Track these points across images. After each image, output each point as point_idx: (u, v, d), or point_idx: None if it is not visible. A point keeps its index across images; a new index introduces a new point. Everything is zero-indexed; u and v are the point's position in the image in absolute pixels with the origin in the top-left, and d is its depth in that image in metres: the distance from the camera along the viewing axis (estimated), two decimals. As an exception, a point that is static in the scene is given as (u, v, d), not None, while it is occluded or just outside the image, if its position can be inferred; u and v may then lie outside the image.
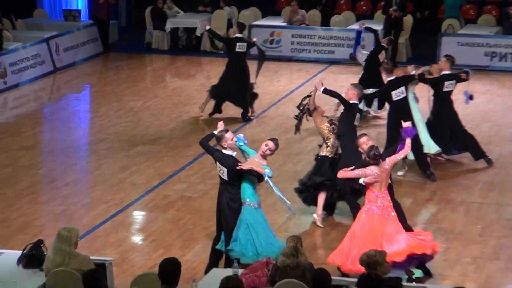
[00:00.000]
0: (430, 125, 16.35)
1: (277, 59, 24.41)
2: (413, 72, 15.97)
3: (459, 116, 16.53)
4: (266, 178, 11.78)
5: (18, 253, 10.98)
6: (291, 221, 14.17)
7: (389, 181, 12.01)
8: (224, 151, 11.91)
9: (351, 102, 14.19)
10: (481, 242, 13.52)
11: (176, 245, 13.38)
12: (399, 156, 12.03)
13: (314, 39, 24.66)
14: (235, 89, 19.26)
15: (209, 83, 22.29)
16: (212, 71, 23.49)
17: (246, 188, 11.91)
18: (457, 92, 16.63)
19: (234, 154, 11.94)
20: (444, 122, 16.34)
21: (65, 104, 21.32)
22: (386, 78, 15.91)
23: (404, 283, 9.92)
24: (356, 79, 22.06)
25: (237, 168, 11.72)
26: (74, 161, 17.25)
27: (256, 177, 11.88)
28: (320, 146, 14.24)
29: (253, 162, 11.99)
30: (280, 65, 24.10)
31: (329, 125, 14.09)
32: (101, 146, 17.93)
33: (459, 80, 16.27)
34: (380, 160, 11.77)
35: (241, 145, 12.30)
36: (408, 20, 24.80)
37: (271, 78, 22.88)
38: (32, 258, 10.78)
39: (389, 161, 11.85)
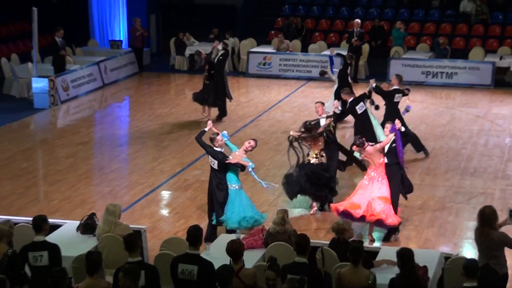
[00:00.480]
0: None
1: (268, 77, 24.40)
2: (373, 84, 15.96)
3: (404, 119, 16.48)
4: (250, 169, 11.93)
5: (76, 223, 10.97)
6: (279, 198, 14.14)
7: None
8: (215, 148, 11.87)
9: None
10: (420, 214, 13.51)
11: (194, 216, 13.36)
12: (379, 145, 12.16)
13: (296, 62, 24.60)
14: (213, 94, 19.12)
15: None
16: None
17: (231, 175, 11.99)
18: (403, 101, 16.59)
19: (222, 150, 12.00)
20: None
21: (111, 111, 21.27)
22: (347, 99, 15.82)
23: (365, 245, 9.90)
24: (328, 92, 22.11)
25: (226, 161, 11.73)
26: (117, 153, 17.23)
27: (240, 168, 11.88)
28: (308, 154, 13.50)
29: (236, 156, 12.01)
30: (271, 81, 24.06)
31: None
32: (137, 142, 17.90)
33: (404, 94, 16.29)
34: (363, 146, 12.10)
35: (225, 140, 12.25)
36: (366, 47, 24.74)
37: (264, 91, 22.84)
38: (87, 227, 10.78)
39: (372, 147, 12.09)
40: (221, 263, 8.77)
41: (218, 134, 12.10)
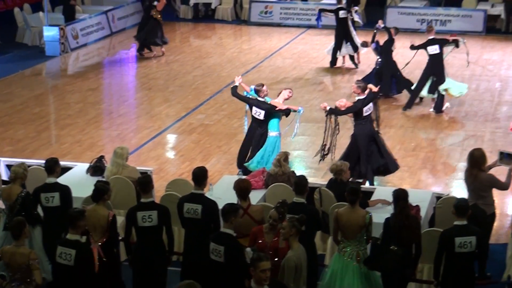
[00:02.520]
0: (377, 73, 16.23)
1: (270, 25, 24.07)
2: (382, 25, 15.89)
3: (398, 65, 16.36)
4: (300, 112, 11.72)
5: (86, 165, 10.93)
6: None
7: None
8: (259, 98, 11.64)
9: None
10: (413, 155, 13.44)
11: (198, 158, 13.30)
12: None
13: (296, 10, 24.25)
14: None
15: (220, 42, 22.09)
16: (223, 33, 23.15)
17: (273, 123, 11.74)
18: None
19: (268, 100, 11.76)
20: (387, 70, 16.19)
21: (119, 58, 21.03)
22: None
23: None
24: (328, 40, 21.81)
25: (276, 108, 11.50)
26: (125, 98, 17.11)
27: (286, 114, 11.68)
28: None
29: (278, 103, 11.77)
30: (272, 29, 23.74)
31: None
32: (144, 87, 17.76)
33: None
34: None
35: (252, 93, 11.91)
36: (363, -4, 24.35)
37: (265, 39, 22.56)
38: (96, 169, 10.75)
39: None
40: (224, 202, 8.75)
41: (263, 85, 11.84)
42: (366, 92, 11.39)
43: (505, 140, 14.07)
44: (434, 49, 15.39)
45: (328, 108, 11.45)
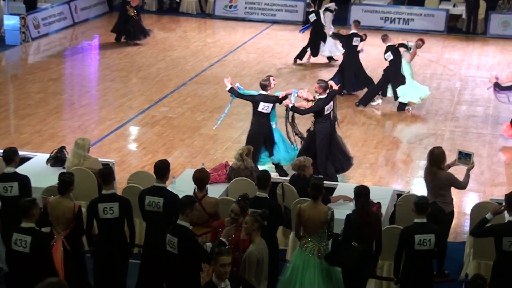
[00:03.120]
0: (340, 70, 16.35)
1: (234, 19, 24.01)
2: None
3: (361, 63, 16.49)
4: (295, 94, 11.60)
5: (46, 155, 10.79)
6: (243, 136, 14.00)
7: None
8: (263, 92, 11.59)
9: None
10: (375, 153, 13.53)
11: (161, 151, 13.22)
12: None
13: (261, 6, 24.19)
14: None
15: (185, 35, 21.97)
16: (188, 26, 23.03)
17: (274, 114, 11.76)
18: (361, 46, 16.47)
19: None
20: (350, 67, 16.31)
21: (81, 49, 20.79)
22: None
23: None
24: (292, 36, 21.89)
25: (281, 97, 11.55)
26: (87, 89, 16.92)
27: (281, 101, 11.66)
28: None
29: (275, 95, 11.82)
30: (236, 23, 23.68)
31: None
32: (106, 79, 17.58)
33: (362, 39, 16.28)
34: None
35: (240, 90, 11.79)
36: (327, -7, 24.44)
37: (230, 33, 22.51)
38: (57, 159, 10.63)
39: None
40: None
41: (268, 78, 11.78)
42: (327, 91, 11.42)
43: (464, 139, 14.26)
44: (388, 55, 15.56)
45: (290, 105, 11.47)
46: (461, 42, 22.17)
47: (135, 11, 20.31)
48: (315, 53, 18.97)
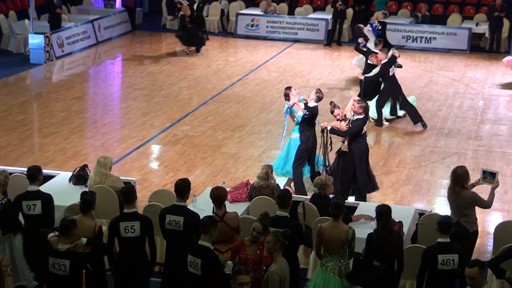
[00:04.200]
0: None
1: (256, 38, 24.14)
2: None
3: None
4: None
5: (69, 174, 10.86)
6: (264, 154, 14.05)
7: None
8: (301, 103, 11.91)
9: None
10: (397, 171, 13.47)
11: (182, 169, 13.25)
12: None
13: (283, 24, 24.31)
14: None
15: (208, 54, 22.09)
16: (209, 45, 23.13)
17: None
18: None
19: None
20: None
21: (104, 67, 20.99)
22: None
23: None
24: (313, 55, 21.95)
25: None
26: (110, 108, 17.04)
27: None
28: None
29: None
30: (258, 42, 23.80)
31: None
32: (129, 98, 17.69)
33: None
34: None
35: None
36: (350, 12, 24.48)
37: (252, 51, 22.61)
38: (79, 178, 10.68)
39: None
40: (206, 214, 8.72)
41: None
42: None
43: (488, 158, 14.15)
44: (392, 69, 15.51)
45: (329, 128, 11.43)
46: (484, 60, 22.07)
47: (189, 19, 21.65)
48: None
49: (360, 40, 17.20)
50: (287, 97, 11.97)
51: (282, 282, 7.26)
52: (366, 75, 15.90)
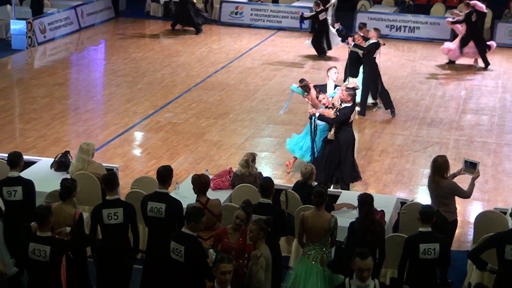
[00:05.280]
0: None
1: (240, 26, 24.07)
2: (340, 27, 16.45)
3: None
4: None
5: (51, 160, 10.79)
6: (247, 142, 14.03)
7: None
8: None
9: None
10: (379, 161, 13.50)
11: (165, 157, 13.21)
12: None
13: (267, 12, 24.26)
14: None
15: (191, 41, 22.00)
16: (193, 32, 23.03)
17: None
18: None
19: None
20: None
21: (87, 54, 20.85)
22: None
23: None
24: (297, 43, 21.92)
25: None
26: (92, 94, 16.93)
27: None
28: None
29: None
30: (242, 30, 23.73)
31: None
32: (112, 84, 17.60)
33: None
34: None
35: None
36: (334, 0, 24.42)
37: (235, 39, 22.54)
38: (61, 164, 10.62)
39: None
40: (189, 201, 8.71)
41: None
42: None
43: (469, 148, 14.22)
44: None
45: (317, 114, 11.44)
46: (467, 50, 22.11)
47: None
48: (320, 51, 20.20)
49: (337, 25, 17.59)
50: (306, 88, 12.07)
51: (266, 269, 7.26)
52: (353, 49, 15.70)
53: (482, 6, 19.88)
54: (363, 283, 6.67)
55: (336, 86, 12.82)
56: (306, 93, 12.22)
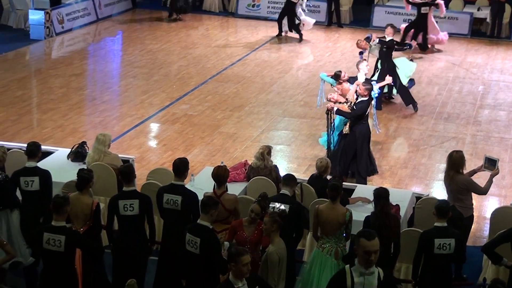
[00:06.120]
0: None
1: (257, 18, 24.01)
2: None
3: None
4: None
5: (67, 150, 10.84)
6: (263, 135, 14.04)
7: None
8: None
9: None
10: (395, 155, 13.46)
11: (180, 148, 13.24)
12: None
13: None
14: None
15: (207, 33, 22.00)
16: (210, 24, 23.06)
17: None
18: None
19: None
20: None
21: (104, 45, 20.89)
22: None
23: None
24: (314, 36, 21.84)
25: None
26: (109, 85, 16.98)
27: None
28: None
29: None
30: (259, 22, 23.68)
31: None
32: (128, 75, 17.64)
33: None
34: None
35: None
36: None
37: (252, 32, 22.50)
38: (78, 154, 10.68)
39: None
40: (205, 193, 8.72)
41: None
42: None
43: (486, 143, 14.15)
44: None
45: (335, 109, 11.49)
46: (485, 46, 21.99)
47: None
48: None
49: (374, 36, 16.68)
50: (337, 78, 12.22)
51: (280, 263, 7.27)
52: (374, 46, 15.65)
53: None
54: (368, 269, 5.85)
55: (366, 79, 12.79)
56: (337, 82, 12.26)
